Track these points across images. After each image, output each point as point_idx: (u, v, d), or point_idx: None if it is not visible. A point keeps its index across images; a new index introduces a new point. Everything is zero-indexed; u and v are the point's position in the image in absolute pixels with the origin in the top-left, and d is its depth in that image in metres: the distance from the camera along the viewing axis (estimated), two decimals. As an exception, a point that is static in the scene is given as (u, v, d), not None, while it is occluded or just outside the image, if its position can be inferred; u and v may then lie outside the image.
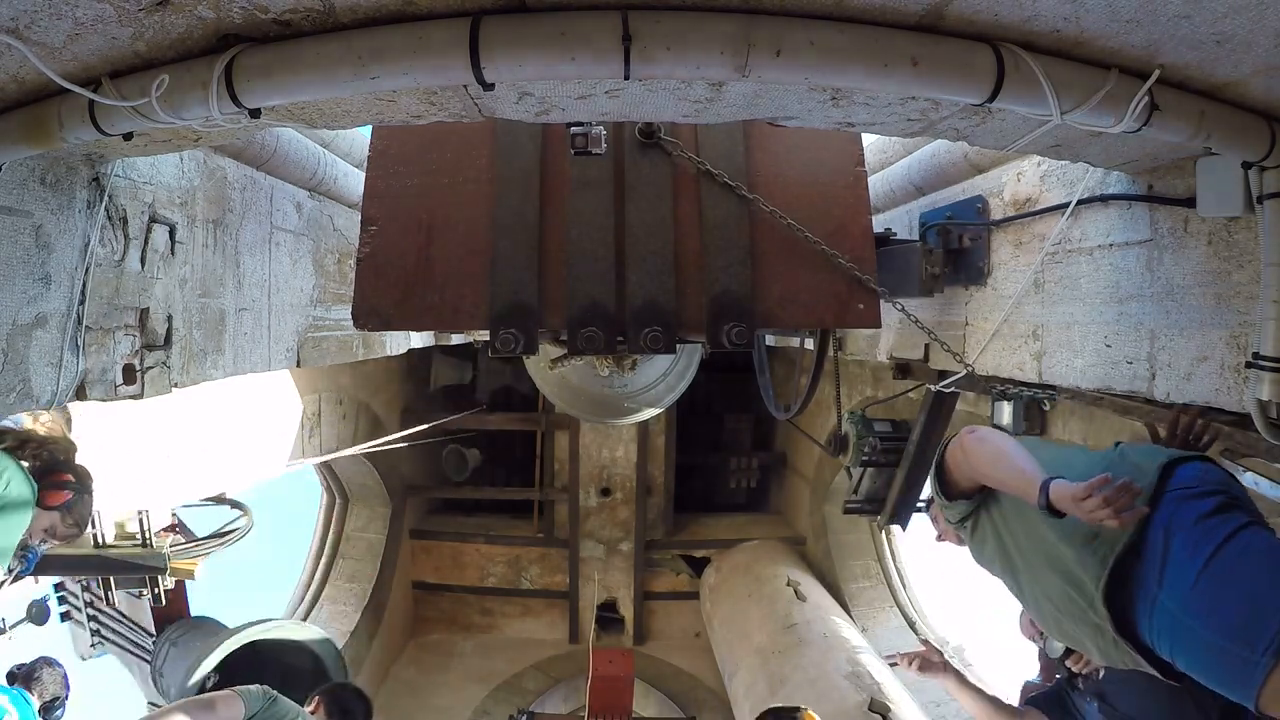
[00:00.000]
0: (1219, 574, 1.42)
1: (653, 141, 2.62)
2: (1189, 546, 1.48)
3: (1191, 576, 1.45)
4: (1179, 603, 1.45)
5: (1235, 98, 1.43)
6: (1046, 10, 1.22)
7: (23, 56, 1.27)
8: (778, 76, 1.28)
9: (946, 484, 2.00)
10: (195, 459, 3.80)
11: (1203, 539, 1.48)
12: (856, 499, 3.37)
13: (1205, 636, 1.40)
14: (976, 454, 1.88)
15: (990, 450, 1.84)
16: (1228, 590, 1.40)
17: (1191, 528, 1.51)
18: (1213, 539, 1.47)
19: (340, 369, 5.96)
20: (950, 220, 3.01)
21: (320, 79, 1.27)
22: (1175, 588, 1.47)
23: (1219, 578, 1.42)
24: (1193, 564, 1.46)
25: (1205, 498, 1.56)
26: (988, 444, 1.85)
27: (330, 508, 7.93)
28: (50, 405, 1.98)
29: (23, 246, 1.82)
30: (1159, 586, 1.50)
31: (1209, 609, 1.41)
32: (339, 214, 3.87)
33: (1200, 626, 1.41)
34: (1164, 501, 1.57)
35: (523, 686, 7.71)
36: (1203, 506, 1.54)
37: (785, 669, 5.57)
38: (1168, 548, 1.51)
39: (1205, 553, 1.45)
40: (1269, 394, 1.59)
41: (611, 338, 2.48)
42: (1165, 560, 1.50)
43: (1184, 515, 1.53)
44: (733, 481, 9.14)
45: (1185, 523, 1.52)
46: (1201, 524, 1.51)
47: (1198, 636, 1.42)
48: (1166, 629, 1.48)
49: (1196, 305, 1.88)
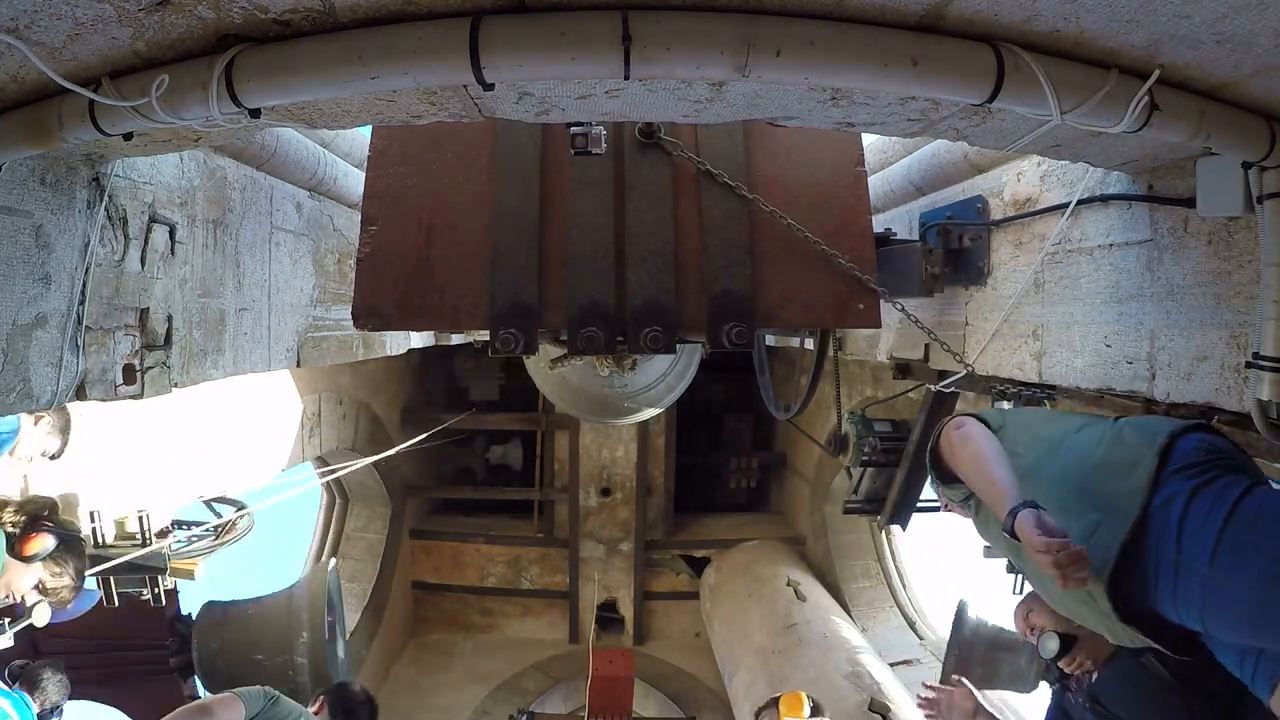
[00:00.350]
0: (1243, 527, 1.44)
1: (653, 141, 2.62)
2: (1204, 509, 1.49)
3: (1212, 536, 1.45)
4: (1206, 563, 1.46)
5: (1235, 98, 1.43)
6: (1046, 10, 1.21)
7: (23, 56, 1.27)
8: (778, 76, 1.27)
9: (941, 470, 2.00)
10: (195, 459, 3.81)
11: (1218, 500, 1.49)
12: (856, 499, 3.37)
13: (1242, 587, 1.40)
14: (958, 455, 1.88)
15: (969, 454, 1.84)
16: (1257, 538, 1.41)
17: (1202, 493, 1.52)
18: (1227, 498, 1.48)
19: (340, 369, 5.96)
20: (950, 220, 3.01)
21: (320, 79, 1.26)
22: (1199, 550, 1.47)
23: (1244, 530, 1.43)
24: (1213, 524, 1.47)
25: (1209, 468, 1.57)
26: (969, 445, 1.86)
27: (330, 507, 7.93)
28: (50, 405, 1.98)
29: (23, 246, 1.82)
30: (1179, 552, 1.50)
31: (1239, 562, 1.41)
32: (339, 214, 3.87)
33: (1235, 579, 1.41)
34: (1168, 481, 1.58)
35: (523, 686, 7.71)
36: (1208, 475, 1.55)
37: (785, 669, 5.57)
38: (1184, 517, 1.51)
39: (1222, 513, 1.47)
40: (1269, 394, 1.59)
41: (611, 338, 2.48)
42: (1181, 529, 1.51)
43: (1189, 487, 1.54)
44: (733, 481, 9.14)
45: (1195, 492, 1.53)
46: (1211, 488, 1.52)
47: (1232, 590, 1.42)
48: (1195, 593, 1.48)
49: (1196, 305, 1.88)
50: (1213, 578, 1.45)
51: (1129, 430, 1.77)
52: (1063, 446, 1.81)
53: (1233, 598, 1.43)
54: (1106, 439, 1.75)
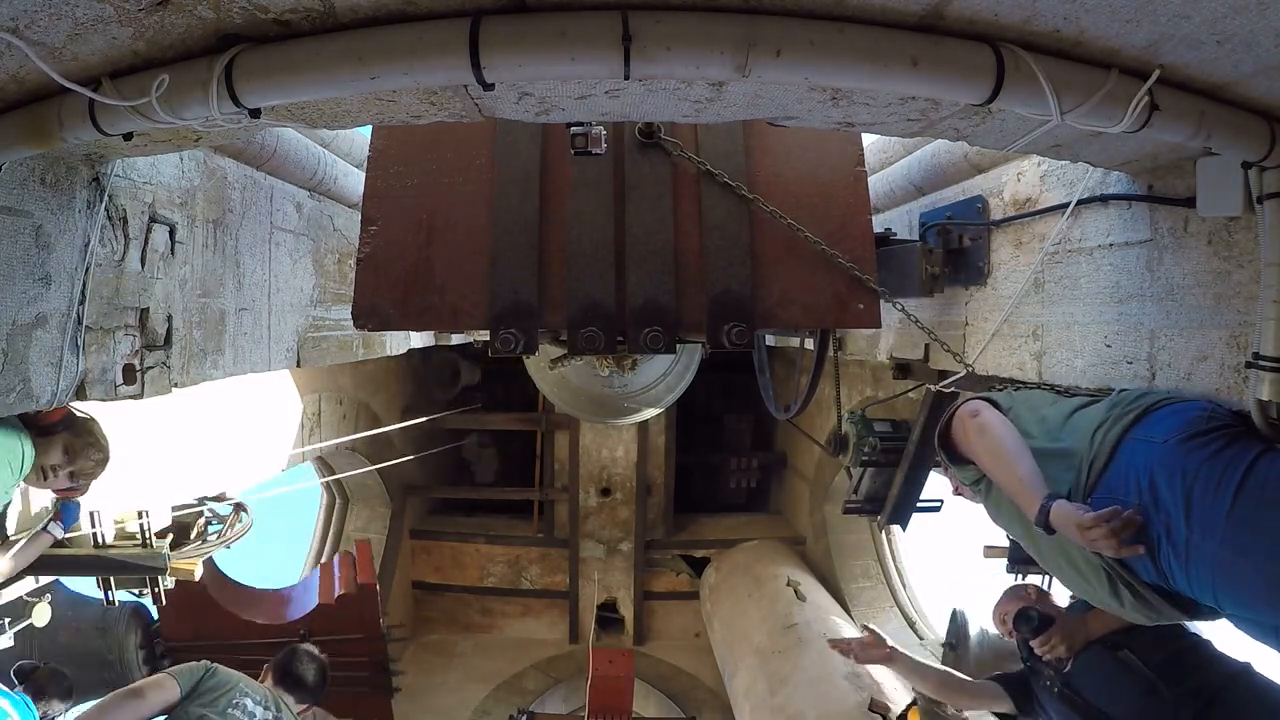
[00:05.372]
0: (1251, 503, 1.43)
1: (653, 141, 2.62)
2: (1212, 485, 1.49)
3: (1222, 514, 1.45)
4: (1217, 541, 1.46)
5: (1235, 98, 1.43)
6: (1046, 10, 1.21)
7: (23, 56, 1.27)
8: (778, 76, 1.27)
9: (952, 451, 2.00)
10: (195, 459, 3.80)
11: (1227, 470, 1.49)
12: (856, 499, 3.37)
13: (1257, 566, 1.40)
14: (976, 446, 1.88)
15: (988, 448, 1.85)
16: (1266, 515, 1.41)
17: (1208, 466, 1.51)
18: (1236, 470, 1.48)
19: (340, 369, 5.96)
20: (950, 220, 3.01)
21: (320, 79, 1.26)
22: (1210, 528, 1.47)
23: (1252, 507, 1.43)
24: (1221, 501, 1.46)
25: (1215, 437, 1.57)
26: (987, 437, 1.86)
27: (330, 508, 7.93)
28: (50, 405, 1.98)
29: (23, 246, 1.82)
30: (1189, 530, 1.50)
31: (1250, 541, 1.41)
32: (339, 214, 3.87)
33: (1247, 558, 1.41)
34: (1172, 453, 1.58)
35: (523, 686, 7.71)
36: (1214, 446, 1.55)
37: (785, 669, 5.57)
38: (1190, 493, 1.51)
39: (1231, 486, 1.46)
40: (1269, 394, 1.59)
41: (611, 338, 2.48)
42: (1189, 505, 1.51)
43: (1193, 460, 1.54)
44: (733, 481, 9.14)
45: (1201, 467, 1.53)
46: (1218, 460, 1.52)
47: (1246, 568, 1.42)
48: (1208, 571, 1.48)
49: (1196, 305, 1.88)
50: (1224, 558, 1.45)
51: (1127, 393, 1.83)
52: (1067, 425, 1.83)
53: (1252, 575, 1.42)
54: (1106, 405, 1.81)
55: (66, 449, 2.43)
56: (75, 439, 2.44)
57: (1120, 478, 1.64)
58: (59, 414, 2.39)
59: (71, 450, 2.44)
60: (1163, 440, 1.63)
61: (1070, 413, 1.88)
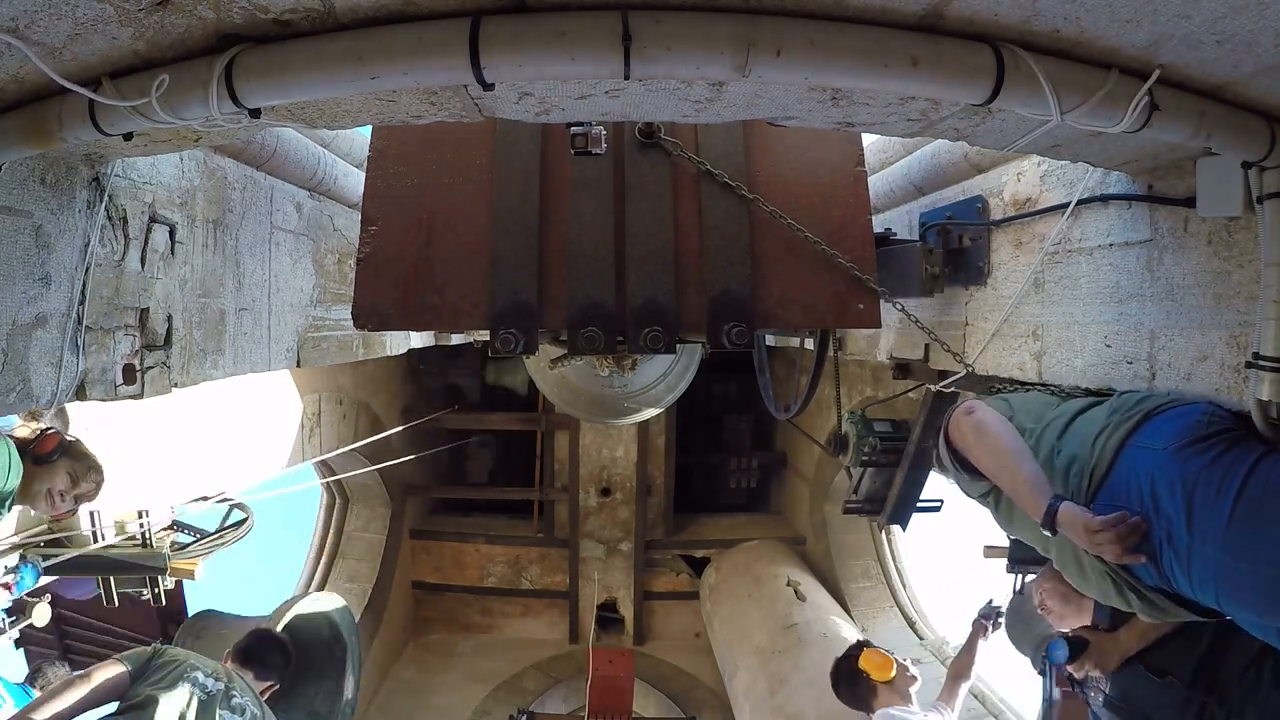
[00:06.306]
0: (1253, 506, 1.43)
1: (653, 141, 2.62)
2: (1211, 490, 1.49)
3: (1223, 520, 1.45)
4: (1218, 546, 1.45)
5: (1235, 98, 1.43)
6: (1046, 10, 1.21)
7: (23, 56, 1.27)
8: (778, 76, 1.27)
9: (959, 459, 1.98)
10: (195, 459, 3.80)
11: (1227, 475, 1.48)
12: (856, 499, 3.37)
13: (1257, 570, 1.40)
14: (974, 447, 1.87)
15: (989, 448, 1.84)
16: (1268, 521, 1.41)
17: (1209, 471, 1.51)
18: (1235, 475, 1.47)
19: (340, 369, 5.96)
20: (950, 220, 3.00)
21: (320, 79, 1.26)
22: (1210, 533, 1.47)
23: (1252, 512, 1.43)
24: (1221, 506, 1.46)
25: (1215, 442, 1.56)
26: (986, 437, 1.85)
27: (330, 508, 7.93)
28: (50, 405, 1.98)
29: (23, 246, 1.82)
30: (1190, 536, 1.50)
31: (1251, 545, 1.41)
32: (339, 214, 3.87)
33: (1247, 562, 1.41)
34: (1175, 457, 1.58)
35: (523, 686, 7.71)
36: (1214, 450, 1.55)
37: (785, 669, 5.57)
38: (1191, 498, 1.51)
39: (1231, 491, 1.46)
40: (1269, 394, 1.59)
41: (611, 338, 2.48)
42: (1190, 511, 1.50)
43: (1192, 466, 1.54)
44: (733, 481, 9.14)
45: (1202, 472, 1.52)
46: (1218, 464, 1.51)
47: (1246, 573, 1.42)
48: (1210, 575, 1.48)
49: (1196, 305, 1.88)
50: (1225, 563, 1.44)
51: (1127, 398, 1.82)
52: (1069, 430, 1.82)
53: (1252, 581, 1.42)
54: (1107, 410, 1.80)
55: (71, 475, 2.46)
56: (76, 463, 2.47)
57: (1121, 485, 1.64)
58: (52, 441, 2.42)
59: (75, 475, 2.47)
60: (1163, 447, 1.62)
61: (1071, 418, 1.87)
